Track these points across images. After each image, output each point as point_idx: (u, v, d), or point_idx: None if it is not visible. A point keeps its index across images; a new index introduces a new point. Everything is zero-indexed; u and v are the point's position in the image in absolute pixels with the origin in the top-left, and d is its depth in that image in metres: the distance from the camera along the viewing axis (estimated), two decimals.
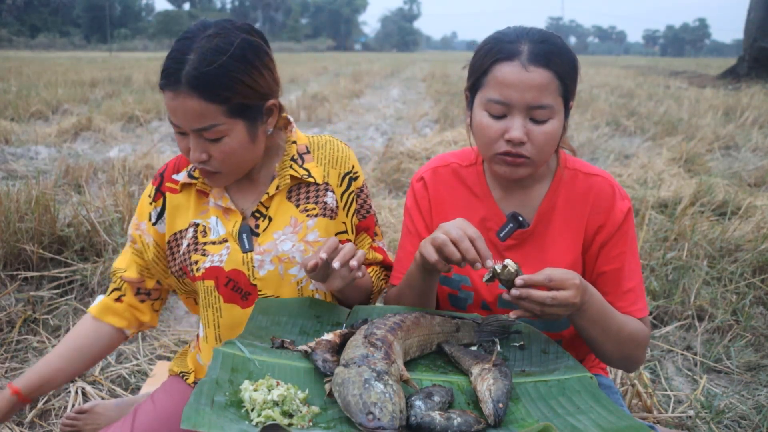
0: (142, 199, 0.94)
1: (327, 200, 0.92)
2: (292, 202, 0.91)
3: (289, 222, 0.90)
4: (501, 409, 0.65)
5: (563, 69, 0.79)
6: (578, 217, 0.87)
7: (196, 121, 0.78)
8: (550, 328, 0.89)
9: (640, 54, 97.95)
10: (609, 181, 0.88)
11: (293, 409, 0.64)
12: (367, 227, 0.98)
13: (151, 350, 1.67)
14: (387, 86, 11.22)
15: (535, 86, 0.77)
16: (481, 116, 0.82)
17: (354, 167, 0.95)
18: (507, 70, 0.78)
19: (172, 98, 0.77)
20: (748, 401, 1.47)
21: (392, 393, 0.62)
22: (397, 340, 0.73)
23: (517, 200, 0.90)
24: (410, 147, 4.10)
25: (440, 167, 0.94)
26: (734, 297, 1.93)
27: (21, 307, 1.77)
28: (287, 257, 0.88)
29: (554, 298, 0.71)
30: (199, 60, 0.76)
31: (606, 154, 4.40)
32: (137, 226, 0.94)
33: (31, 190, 2.17)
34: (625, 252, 0.86)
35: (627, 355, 0.82)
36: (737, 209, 2.70)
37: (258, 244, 0.88)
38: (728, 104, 6.66)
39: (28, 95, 6.46)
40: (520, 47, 0.79)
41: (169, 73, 0.77)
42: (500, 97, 0.79)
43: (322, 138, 0.96)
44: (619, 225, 0.86)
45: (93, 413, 1.18)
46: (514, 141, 0.79)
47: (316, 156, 0.94)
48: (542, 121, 0.79)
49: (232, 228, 0.89)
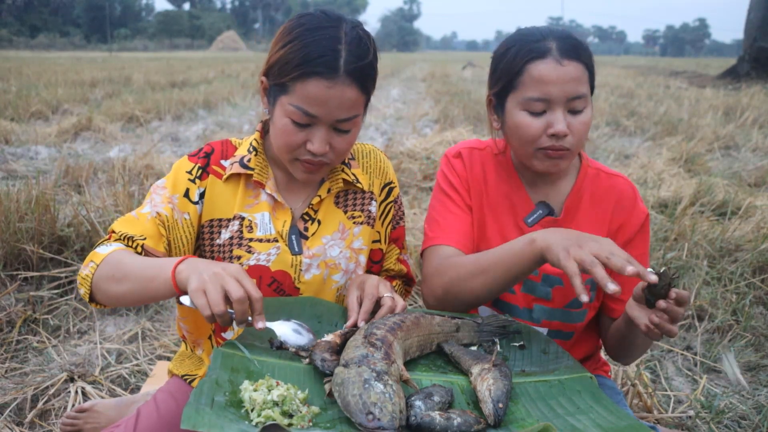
0: (178, 173, 0.87)
1: (371, 209, 0.93)
2: (340, 208, 0.91)
3: (338, 227, 0.90)
4: (501, 409, 0.65)
5: (589, 60, 0.83)
6: (602, 213, 0.90)
7: (346, 111, 0.78)
8: (568, 319, 0.90)
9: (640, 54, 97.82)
10: (630, 184, 0.93)
11: (293, 409, 0.64)
12: (397, 237, 0.98)
13: (151, 350, 1.67)
14: (387, 86, 11.22)
15: (573, 78, 0.80)
16: (521, 116, 0.83)
17: (393, 178, 0.96)
18: (543, 68, 0.81)
19: (327, 87, 0.75)
20: (747, 401, 1.47)
21: (392, 393, 0.62)
22: (397, 340, 0.73)
23: (544, 193, 0.92)
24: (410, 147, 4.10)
25: (476, 149, 0.96)
26: (734, 297, 1.93)
27: (21, 307, 1.77)
28: (333, 263, 0.89)
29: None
30: (354, 51, 0.77)
31: (606, 154, 4.41)
32: (168, 198, 0.85)
33: (31, 190, 2.17)
34: (645, 255, 0.90)
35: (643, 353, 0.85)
36: (737, 209, 2.70)
37: (307, 248, 0.88)
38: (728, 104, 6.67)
39: (28, 95, 6.45)
40: (548, 44, 0.81)
41: (326, 62, 0.75)
42: (540, 94, 0.81)
43: (365, 146, 0.97)
44: (640, 226, 0.89)
45: (93, 412, 1.18)
46: (559, 135, 0.81)
47: (362, 164, 0.94)
48: (579, 111, 0.82)
49: (282, 227, 0.87)
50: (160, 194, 0.87)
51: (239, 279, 0.69)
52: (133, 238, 0.83)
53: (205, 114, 6.44)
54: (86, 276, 0.79)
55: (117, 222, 0.85)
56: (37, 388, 1.41)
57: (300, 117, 0.78)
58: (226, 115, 6.29)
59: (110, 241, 0.83)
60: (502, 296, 0.91)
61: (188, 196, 0.87)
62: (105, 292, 0.78)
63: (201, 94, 7.44)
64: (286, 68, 0.77)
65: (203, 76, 10.82)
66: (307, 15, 0.79)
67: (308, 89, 0.76)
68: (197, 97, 7.14)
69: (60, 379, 1.44)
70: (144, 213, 0.86)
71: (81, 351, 1.63)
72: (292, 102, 0.77)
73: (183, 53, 32.11)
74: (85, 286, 0.79)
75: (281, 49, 0.78)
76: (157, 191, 0.87)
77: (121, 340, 1.70)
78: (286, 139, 0.80)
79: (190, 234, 0.87)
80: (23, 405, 1.36)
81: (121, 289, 0.76)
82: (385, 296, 0.80)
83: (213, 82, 9.92)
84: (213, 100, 7.18)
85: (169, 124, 5.68)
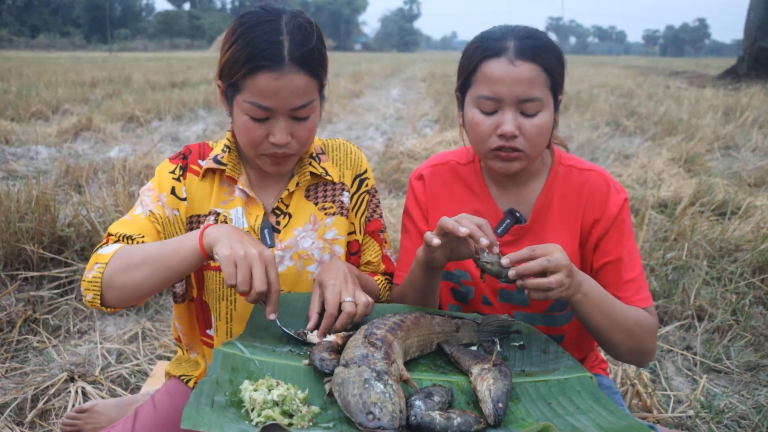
0: (162, 175, 0.90)
1: (343, 199, 0.94)
2: (310, 201, 0.93)
3: (309, 219, 0.92)
4: (501, 409, 0.65)
5: (550, 62, 0.81)
6: (574, 212, 0.88)
7: (299, 98, 0.79)
8: (551, 322, 0.89)
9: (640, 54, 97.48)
10: (603, 176, 0.89)
11: (293, 409, 0.64)
12: (373, 230, 0.99)
13: (151, 350, 1.67)
14: (387, 86, 11.22)
15: (524, 80, 0.79)
16: (473, 113, 0.83)
17: (366, 170, 0.97)
18: (495, 66, 0.80)
19: (275, 78, 0.77)
20: (747, 401, 1.47)
21: (392, 393, 0.62)
22: (397, 340, 0.73)
23: (513, 197, 0.91)
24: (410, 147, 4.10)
25: (438, 165, 0.95)
26: (734, 297, 1.93)
27: (21, 307, 1.77)
28: (306, 254, 0.90)
29: (549, 261, 0.71)
30: (296, 39, 0.78)
31: (606, 154, 4.40)
32: (157, 198, 0.88)
33: (32, 190, 2.17)
34: (623, 243, 0.86)
35: (638, 345, 0.81)
36: (737, 209, 2.69)
37: (279, 241, 0.89)
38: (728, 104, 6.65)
39: (28, 95, 6.45)
40: (506, 44, 0.81)
41: (270, 54, 0.76)
42: (490, 93, 0.80)
43: (336, 141, 0.98)
44: (614, 217, 0.86)
45: (93, 412, 1.18)
46: (506, 135, 0.81)
47: (332, 157, 0.96)
48: (532, 114, 0.81)
49: (254, 222, 0.89)
50: (149, 195, 0.90)
51: (268, 269, 0.72)
52: (132, 237, 0.84)
53: (205, 114, 6.44)
54: (93, 278, 0.78)
55: (112, 225, 0.87)
56: (37, 388, 1.41)
57: (256, 112, 0.79)
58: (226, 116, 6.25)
59: (109, 244, 0.84)
60: (480, 309, 0.92)
61: (175, 194, 0.89)
62: (122, 285, 0.77)
63: (201, 94, 7.45)
64: (234, 67, 0.79)
65: (203, 76, 10.82)
66: (248, 14, 0.81)
67: (258, 84, 0.77)
68: (197, 97, 7.14)
69: (60, 379, 1.44)
70: (137, 214, 0.88)
71: (81, 351, 1.63)
72: (245, 99, 0.79)
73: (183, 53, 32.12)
74: (93, 290, 0.78)
75: (228, 50, 0.80)
76: (145, 193, 0.91)
77: (121, 340, 1.70)
78: (248, 135, 0.82)
79: (182, 230, 0.89)
80: (23, 405, 1.36)
81: (140, 274, 0.76)
82: (345, 302, 0.79)
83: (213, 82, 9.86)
84: (213, 100, 7.17)
85: (170, 124, 5.68)
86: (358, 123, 6.18)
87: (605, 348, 0.83)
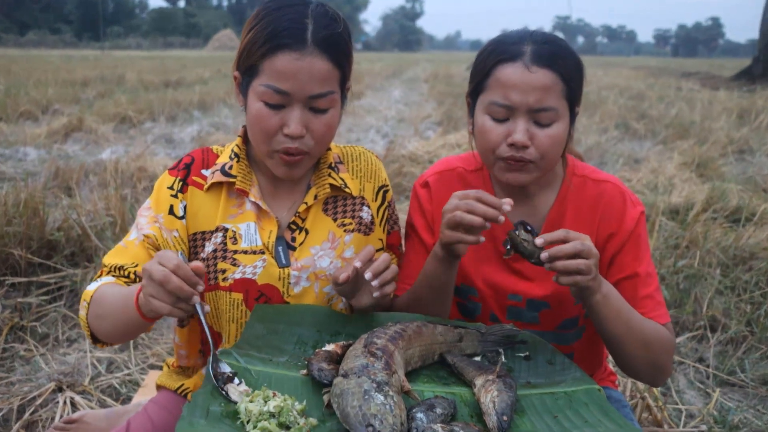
0: (160, 191, 0.85)
1: (363, 215, 0.89)
2: (329, 215, 0.87)
3: (327, 237, 0.86)
4: (505, 422, 0.64)
5: (568, 71, 0.78)
6: (588, 225, 0.86)
7: (318, 85, 0.75)
8: (561, 341, 0.87)
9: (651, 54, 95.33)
10: (619, 188, 0.87)
11: (290, 421, 0.63)
12: (392, 244, 0.94)
13: (143, 359, 1.63)
14: (388, 87, 11.15)
15: (539, 87, 0.76)
16: (483, 120, 0.81)
17: (386, 181, 0.93)
18: (509, 71, 0.77)
19: (295, 59, 0.73)
20: (763, 416, 1.43)
21: (393, 405, 0.61)
22: (398, 350, 0.72)
23: (524, 208, 0.88)
24: (412, 150, 4.07)
25: (445, 171, 0.93)
26: (748, 307, 1.87)
27: (8, 314, 1.73)
28: (324, 275, 0.85)
29: (583, 244, 0.70)
30: (321, 23, 0.75)
31: (615, 158, 4.28)
32: (154, 219, 0.83)
33: (20, 192, 2.13)
34: (639, 258, 0.84)
35: (654, 359, 0.79)
36: (752, 216, 2.60)
37: (295, 259, 0.84)
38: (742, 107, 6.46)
39: (17, 94, 6.36)
40: (522, 48, 0.78)
41: (292, 33, 0.73)
42: (502, 100, 0.78)
43: (355, 149, 0.93)
44: (631, 232, 0.84)
45: (82, 423, 1.15)
46: (517, 145, 0.78)
47: (351, 168, 0.90)
48: (546, 124, 0.78)
49: (268, 239, 0.84)
50: (145, 215, 0.85)
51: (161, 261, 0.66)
52: (123, 268, 0.81)
53: (200, 115, 6.38)
54: (83, 318, 0.79)
55: (107, 255, 0.85)
56: (23, 398, 1.38)
57: (271, 96, 0.75)
58: (222, 116, 6.22)
59: (102, 276, 0.81)
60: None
61: (173, 213, 0.84)
62: (98, 331, 0.78)
63: (196, 94, 7.38)
64: (253, 49, 0.76)
65: (199, 76, 10.74)
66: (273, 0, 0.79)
67: (276, 64, 0.74)
68: (192, 97, 7.08)
69: (48, 388, 1.41)
70: (131, 240, 0.84)
71: (70, 360, 1.60)
72: (262, 82, 0.76)
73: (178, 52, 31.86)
74: (86, 329, 0.79)
75: (249, 32, 0.77)
76: (142, 213, 0.86)
77: (111, 349, 1.66)
78: (261, 125, 0.77)
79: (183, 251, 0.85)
80: (9, 416, 1.33)
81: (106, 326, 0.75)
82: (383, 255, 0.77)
83: (209, 82, 9.85)
84: (208, 100, 7.12)
85: (163, 125, 5.62)
86: (358, 125, 6.13)
87: (619, 361, 0.81)
